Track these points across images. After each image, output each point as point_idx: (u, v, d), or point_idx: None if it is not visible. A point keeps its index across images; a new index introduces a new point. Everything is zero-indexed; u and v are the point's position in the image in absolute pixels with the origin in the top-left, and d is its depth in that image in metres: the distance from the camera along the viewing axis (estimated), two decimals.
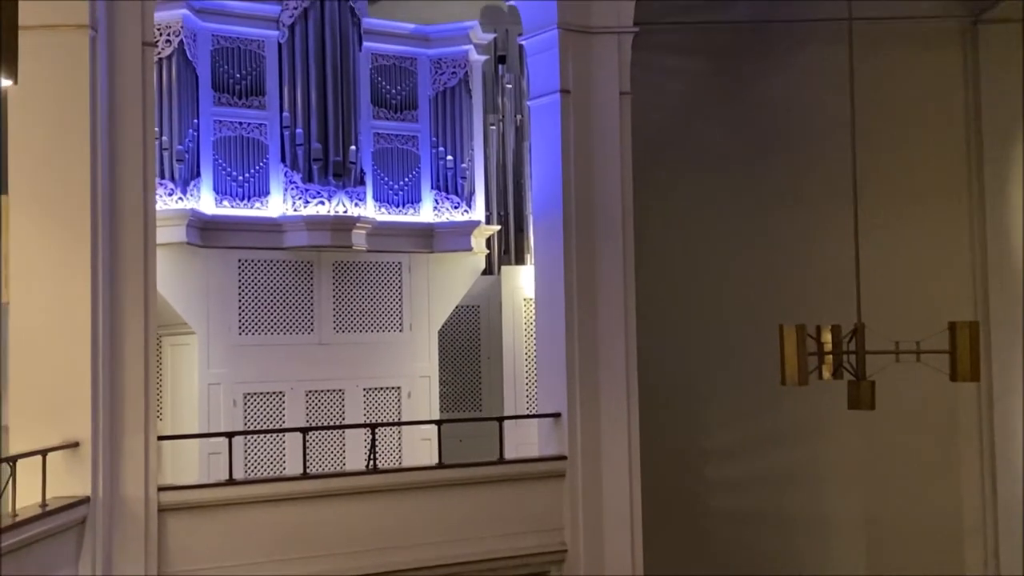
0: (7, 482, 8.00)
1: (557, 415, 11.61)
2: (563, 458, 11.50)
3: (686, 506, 14.54)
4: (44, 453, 8.49)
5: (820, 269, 13.92)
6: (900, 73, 14.57)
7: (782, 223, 14.65)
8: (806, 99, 14.64)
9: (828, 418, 14.04)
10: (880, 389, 9.90)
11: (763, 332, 11.52)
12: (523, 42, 12.36)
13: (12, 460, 8.10)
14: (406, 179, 12.64)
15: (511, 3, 12.36)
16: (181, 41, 11.12)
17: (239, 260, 11.79)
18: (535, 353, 12.44)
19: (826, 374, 10.14)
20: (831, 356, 10.07)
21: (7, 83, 6.01)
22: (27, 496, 8.23)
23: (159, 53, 10.82)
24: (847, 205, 10.63)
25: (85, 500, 8.97)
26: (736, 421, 14.88)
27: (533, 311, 12.61)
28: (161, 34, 10.92)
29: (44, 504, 8.35)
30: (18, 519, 7.85)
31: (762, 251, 14.66)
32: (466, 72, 12.84)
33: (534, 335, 12.53)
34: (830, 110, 13.65)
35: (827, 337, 10.06)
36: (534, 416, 12.18)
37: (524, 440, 12.33)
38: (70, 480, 8.92)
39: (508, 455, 11.46)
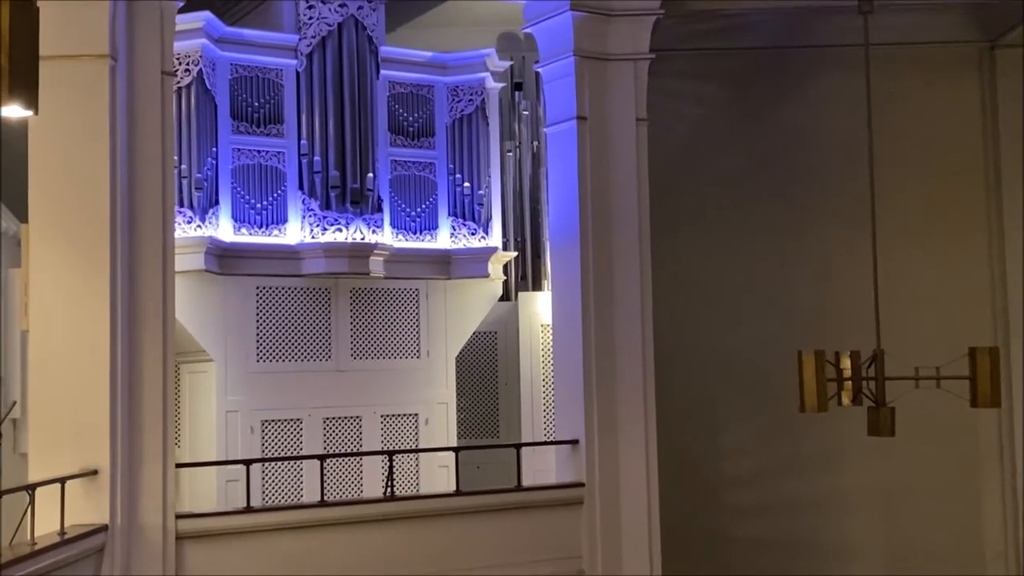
0: (26, 510, 8.02)
1: (575, 442, 11.58)
2: (581, 485, 11.46)
3: (705, 533, 14.45)
4: (63, 481, 8.51)
5: (839, 295, 13.87)
6: (917, 98, 14.56)
7: (800, 248, 14.61)
8: (823, 124, 14.63)
9: (848, 445, 13.97)
10: (900, 415, 9.84)
11: (782, 358, 11.47)
12: (539, 69, 12.41)
13: (31, 488, 8.11)
14: (423, 206, 12.67)
15: (527, 30, 12.42)
16: (200, 70, 11.19)
17: (257, 287, 11.82)
18: (552, 379, 12.42)
19: (845, 400, 10.11)
20: (850, 382, 10.04)
21: (28, 113, 6.08)
22: (45, 524, 8.24)
23: (178, 82, 10.88)
24: (865, 230, 10.61)
25: (103, 528, 8.97)
26: (755, 448, 14.80)
27: (550, 337, 12.60)
28: (180, 63, 10.99)
29: (62, 532, 8.36)
30: (36, 547, 7.85)
31: (780, 277, 14.61)
32: (483, 99, 12.88)
33: (551, 361, 12.50)
34: (847, 135, 13.66)
35: (846, 363, 10.03)
36: (552, 443, 12.15)
37: (542, 467, 12.29)
38: (88, 508, 8.93)
39: (526, 482, 11.43)
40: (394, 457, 11.18)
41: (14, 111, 5.98)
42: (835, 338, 10.92)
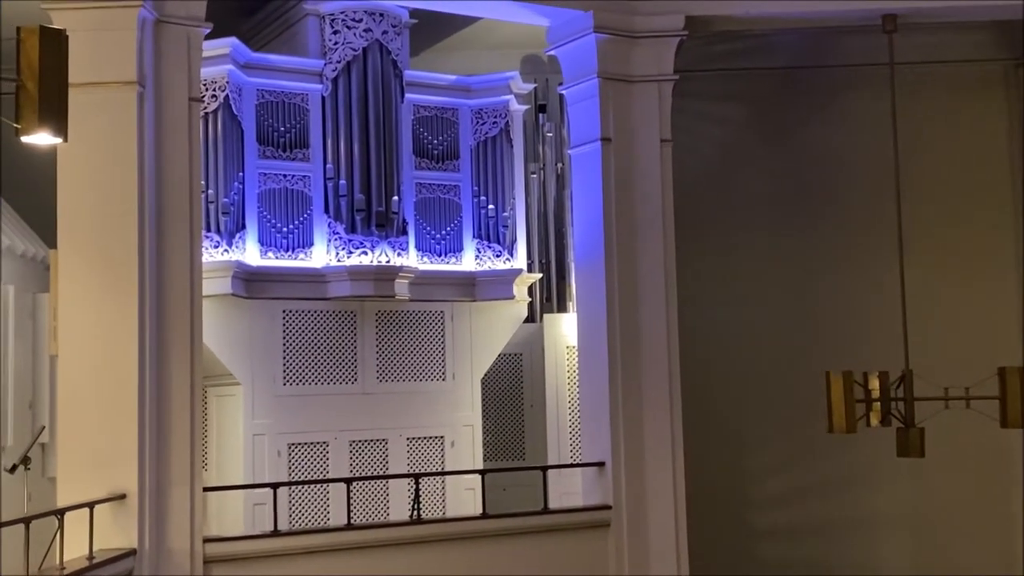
0: (55, 535, 8.06)
1: (601, 464, 11.54)
2: (608, 508, 11.41)
3: (733, 556, 14.34)
4: (91, 505, 8.55)
5: (866, 315, 13.79)
6: (943, 116, 14.50)
7: (826, 268, 14.54)
8: (847, 144, 14.59)
9: (877, 466, 13.86)
10: (929, 436, 9.79)
11: (809, 379, 11.42)
12: (563, 91, 12.44)
13: (60, 513, 8.16)
14: (448, 228, 12.70)
15: (551, 53, 12.46)
16: (227, 96, 11.28)
17: (283, 311, 11.86)
18: (579, 401, 12.39)
19: (874, 421, 10.06)
20: (879, 403, 9.98)
21: (57, 141, 6.14)
22: (74, 548, 8.29)
23: (205, 108, 10.96)
24: (892, 250, 10.58)
25: (132, 552, 9.01)
26: (783, 470, 14.70)
27: (576, 359, 12.58)
28: (207, 89, 11.08)
29: (91, 557, 8.40)
30: (65, 572, 7.89)
31: (807, 297, 14.54)
32: (507, 121, 12.92)
33: (577, 383, 12.48)
34: (872, 155, 13.64)
35: (875, 384, 9.99)
36: (578, 465, 12.12)
37: (568, 489, 12.24)
38: (117, 532, 8.97)
39: (552, 505, 11.39)
40: (420, 480, 11.17)
41: (44, 138, 6.07)
42: (863, 359, 10.87)
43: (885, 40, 11.58)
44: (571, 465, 12.48)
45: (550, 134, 14.02)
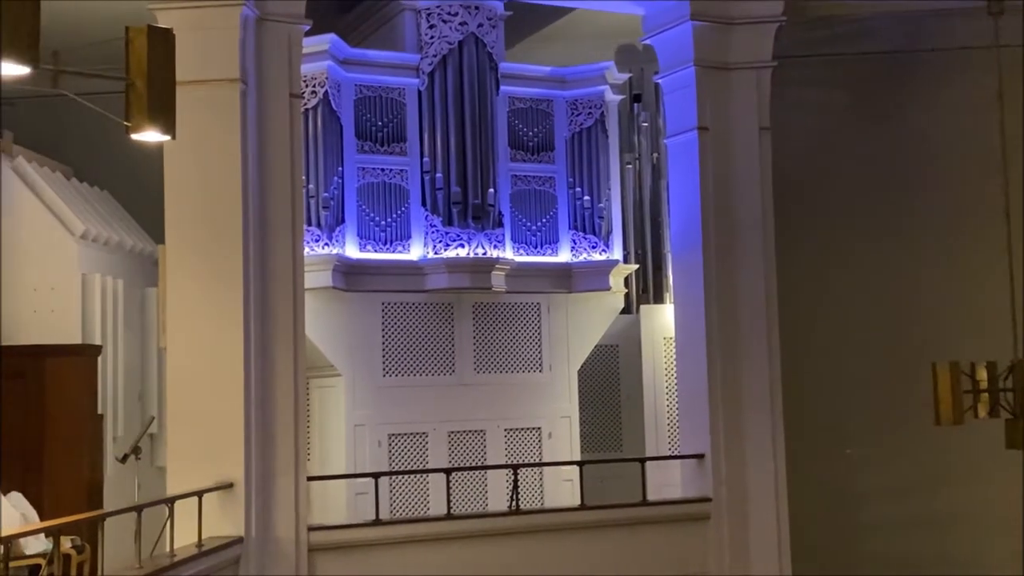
0: (165, 523, 8.27)
1: (701, 456, 11.46)
2: (707, 500, 11.33)
3: (836, 550, 14.11)
4: (200, 494, 8.75)
5: (973, 303, 13.44)
6: None
7: (930, 256, 14.20)
8: (952, 130, 14.21)
9: (984, 458, 13.47)
10: None
11: (914, 370, 11.17)
12: (659, 80, 12.37)
13: (170, 501, 8.37)
14: (543, 220, 12.71)
15: (646, 42, 12.38)
16: (326, 92, 11.42)
17: (382, 303, 11.99)
18: (676, 393, 12.31)
19: (982, 413, 9.79)
20: (987, 394, 9.73)
21: (166, 138, 6.28)
22: (183, 536, 8.49)
23: (305, 104, 11.12)
24: (1000, 236, 10.27)
25: (239, 540, 9.21)
26: (887, 462, 14.39)
27: (673, 350, 12.49)
28: (307, 85, 11.23)
29: (200, 544, 8.60)
30: (176, 559, 8.09)
31: (910, 285, 14.21)
32: (602, 112, 12.87)
33: (675, 374, 12.40)
34: (977, 140, 13.26)
35: (982, 374, 9.71)
36: (677, 457, 12.06)
37: (666, 481, 12.18)
38: (224, 520, 9.18)
39: (650, 497, 11.34)
40: (518, 471, 11.22)
41: (153, 136, 6.21)
42: (970, 348, 10.60)
43: (989, 23, 11.26)
44: (670, 457, 12.41)
45: (645, 124, 13.93)
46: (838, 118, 14.78)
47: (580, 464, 11.63)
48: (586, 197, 12.73)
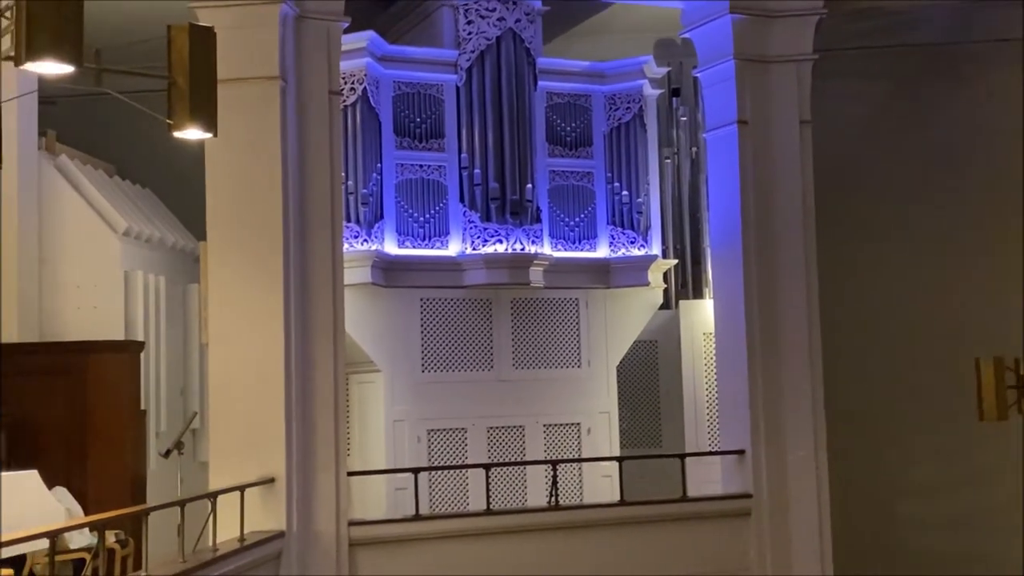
0: (208, 517, 8.33)
1: (741, 452, 11.40)
2: (748, 496, 11.27)
3: (880, 547, 14.00)
4: (242, 489, 8.82)
5: (1017, 299, 13.28)
6: None
7: (975, 250, 14.03)
8: (995, 122, 14.05)
9: None
10: None
11: (956, 364, 11.08)
12: (698, 74, 12.29)
13: (213, 496, 8.44)
14: (582, 215, 12.68)
15: (685, 35, 12.31)
16: (365, 88, 11.45)
17: (421, 299, 12.02)
18: (716, 388, 12.24)
19: None
20: None
21: (207, 136, 6.33)
22: (225, 531, 8.55)
23: (344, 101, 11.15)
24: None
25: (280, 535, 9.27)
26: (930, 458, 14.25)
27: (713, 345, 12.43)
28: (346, 82, 11.26)
29: (242, 539, 8.66)
30: (219, 553, 8.16)
31: (954, 280, 14.07)
32: (640, 107, 12.81)
33: (714, 370, 12.33)
34: (1021, 130, 13.12)
35: None
36: (718, 453, 12.00)
37: (706, 478, 12.11)
38: (266, 515, 9.25)
39: (690, 493, 11.30)
40: (557, 467, 11.21)
41: (195, 133, 6.25)
42: (1014, 344, 10.49)
43: None
44: (710, 453, 12.35)
45: (684, 118, 13.86)
46: (880, 110, 14.66)
47: (619, 460, 11.59)
48: (624, 192, 12.68)
